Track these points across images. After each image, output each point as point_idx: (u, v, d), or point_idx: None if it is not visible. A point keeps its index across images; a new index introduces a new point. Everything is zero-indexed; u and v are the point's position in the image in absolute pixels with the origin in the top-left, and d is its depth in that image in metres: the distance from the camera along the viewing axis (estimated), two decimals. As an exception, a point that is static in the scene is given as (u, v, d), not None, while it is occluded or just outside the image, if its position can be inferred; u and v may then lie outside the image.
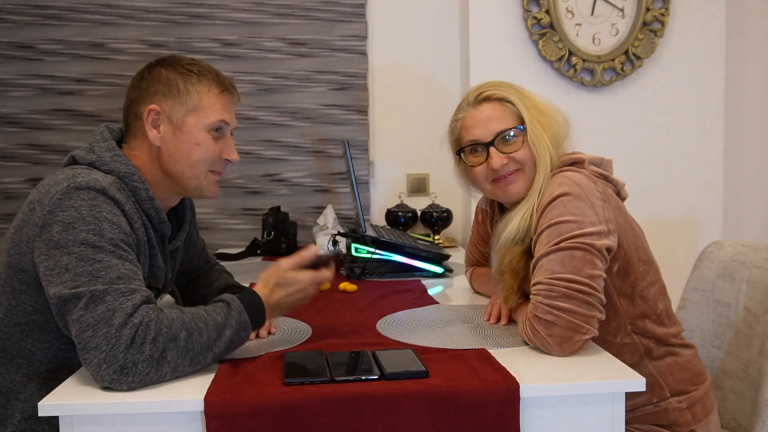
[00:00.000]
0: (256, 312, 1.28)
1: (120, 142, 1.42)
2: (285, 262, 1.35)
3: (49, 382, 1.32)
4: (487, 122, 1.47)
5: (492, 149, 1.47)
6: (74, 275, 1.18)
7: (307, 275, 1.35)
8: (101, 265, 1.19)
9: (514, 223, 1.43)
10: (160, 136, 1.38)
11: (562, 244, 1.30)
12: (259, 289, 1.32)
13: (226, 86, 1.43)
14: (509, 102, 1.48)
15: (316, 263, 1.38)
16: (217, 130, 1.42)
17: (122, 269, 1.21)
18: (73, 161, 1.37)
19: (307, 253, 1.37)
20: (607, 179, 1.46)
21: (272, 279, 1.33)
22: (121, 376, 1.12)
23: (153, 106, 1.37)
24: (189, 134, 1.39)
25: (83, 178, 1.26)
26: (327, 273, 1.39)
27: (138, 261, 1.31)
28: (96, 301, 1.16)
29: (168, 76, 1.39)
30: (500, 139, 1.46)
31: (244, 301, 1.27)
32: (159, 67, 1.41)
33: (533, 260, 1.34)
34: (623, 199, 1.52)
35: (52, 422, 1.12)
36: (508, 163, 1.46)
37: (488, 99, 1.49)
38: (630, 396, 1.25)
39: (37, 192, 1.30)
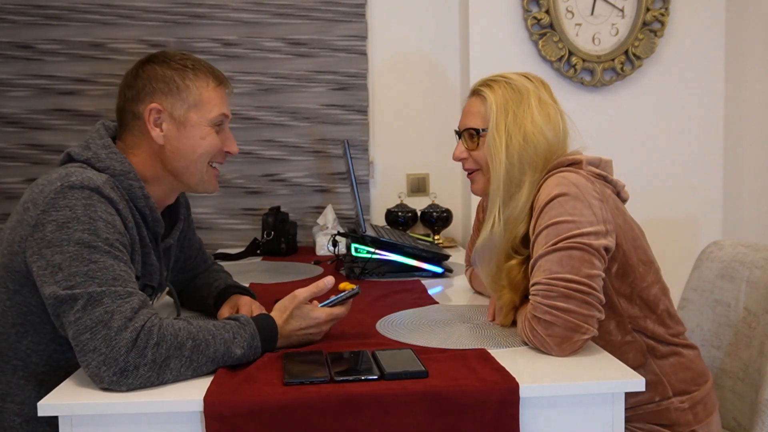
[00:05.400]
0: (269, 338, 1.27)
1: (114, 139, 1.42)
2: (301, 293, 1.35)
3: (46, 384, 1.31)
4: (466, 115, 1.56)
5: (459, 140, 1.57)
6: (68, 275, 1.17)
7: (323, 313, 1.35)
8: (97, 265, 1.18)
9: (480, 242, 1.48)
10: (163, 134, 1.38)
11: (559, 245, 1.30)
12: (275, 317, 1.32)
13: (221, 79, 1.44)
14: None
15: (336, 301, 1.38)
16: (218, 124, 1.43)
17: (117, 270, 1.20)
18: (69, 158, 1.37)
19: (323, 284, 1.37)
20: (606, 180, 1.46)
21: (288, 309, 1.32)
22: (121, 378, 1.12)
23: (153, 105, 1.37)
24: (193, 129, 1.40)
25: (77, 177, 1.25)
26: (342, 310, 1.39)
27: (131, 260, 1.30)
28: (93, 303, 1.15)
29: (164, 73, 1.39)
30: (466, 132, 1.55)
31: (260, 325, 1.27)
32: (152, 65, 1.40)
33: (531, 261, 1.35)
34: (624, 200, 1.51)
35: (53, 423, 1.11)
36: (468, 159, 1.55)
37: (477, 93, 1.55)
38: (632, 394, 1.25)
39: (30, 191, 1.30)
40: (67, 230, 1.20)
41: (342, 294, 1.39)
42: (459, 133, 1.58)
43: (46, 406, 1.10)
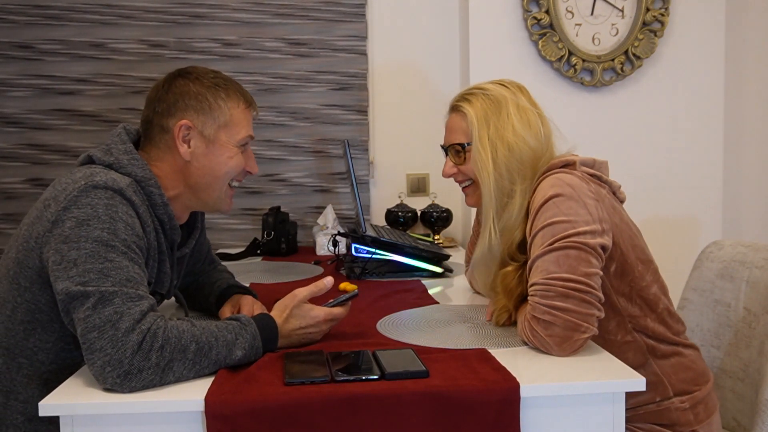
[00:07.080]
0: (269, 339, 1.28)
1: (136, 144, 1.42)
2: (301, 292, 1.35)
3: (50, 383, 1.31)
4: (450, 131, 1.57)
5: (447, 157, 1.59)
6: (83, 271, 1.18)
7: (322, 312, 1.35)
8: (112, 264, 1.19)
9: (477, 254, 1.51)
10: (190, 150, 1.39)
11: (556, 244, 1.30)
12: (275, 316, 1.32)
13: (250, 101, 1.46)
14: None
15: (336, 303, 1.39)
16: (244, 145, 1.45)
17: (131, 272, 1.21)
18: (90, 161, 1.37)
19: (323, 284, 1.37)
20: (601, 180, 1.47)
21: (288, 308, 1.33)
22: (124, 381, 1.12)
23: (184, 121, 1.38)
24: (222, 148, 1.41)
25: (101, 177, 1.26)
26: (342, 311, 1.39)
27: (146, 266, 1.31)
28: (104, 302, 1.16)
29: (197, 90, 1.39)
30: (452, 148, 1.56)
31: (261, 325, 1.27)
32: (185, 80, 1.40)
33: (528, 262, 1.35)
34: (622, 201, 1.52)
35: (56, 422, 1.12)
36: (458, 174, 1.57)
37: (456, 109, 1.55)
38: (633, 394, 1.25)
39: (53, 189, 1.30)
40: (87, 227, 1.21)
41: (341, 297, 1.40)
42: (445, 150, 1.59)
43: (47, 406, 1.10)
